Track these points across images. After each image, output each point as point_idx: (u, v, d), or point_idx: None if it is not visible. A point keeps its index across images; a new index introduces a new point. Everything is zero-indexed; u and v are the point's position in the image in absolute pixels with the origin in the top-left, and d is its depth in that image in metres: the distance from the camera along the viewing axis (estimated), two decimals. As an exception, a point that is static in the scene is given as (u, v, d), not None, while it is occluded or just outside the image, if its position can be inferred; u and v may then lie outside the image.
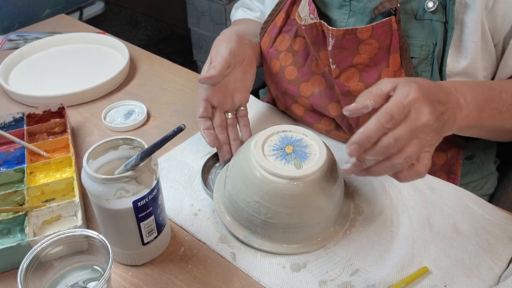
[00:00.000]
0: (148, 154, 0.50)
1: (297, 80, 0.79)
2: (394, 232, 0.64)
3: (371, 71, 0.70)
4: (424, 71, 0.68)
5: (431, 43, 0.67)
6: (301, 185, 0.57)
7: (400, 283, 0.56)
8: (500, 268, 0.59)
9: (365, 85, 0.71)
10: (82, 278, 0.53)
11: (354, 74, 0.71)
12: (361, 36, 0.67)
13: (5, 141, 0.75)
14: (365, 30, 0.66)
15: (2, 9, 1.18)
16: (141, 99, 0.89)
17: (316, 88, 0.77)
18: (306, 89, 0.78)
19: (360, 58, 0.69)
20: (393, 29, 0.66)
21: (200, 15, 2.03)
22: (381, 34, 0.67)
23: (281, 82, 0.81)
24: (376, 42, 0.67)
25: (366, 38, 0.67)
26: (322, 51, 0.72)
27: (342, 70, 0.71)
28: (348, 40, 0.68)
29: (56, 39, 1.08)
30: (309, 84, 0.78)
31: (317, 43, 0.72)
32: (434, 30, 0.67)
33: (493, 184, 0.86)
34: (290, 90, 0.80)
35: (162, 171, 0.73)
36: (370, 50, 0.68)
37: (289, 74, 0.79)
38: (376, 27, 0.66)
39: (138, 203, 0.53)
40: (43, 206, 0.63)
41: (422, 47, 0.68)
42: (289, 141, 0.63)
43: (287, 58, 0.79)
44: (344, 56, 0.70)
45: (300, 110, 0.81)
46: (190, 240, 0.63)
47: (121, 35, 1.17)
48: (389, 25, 0.66)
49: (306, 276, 0.58)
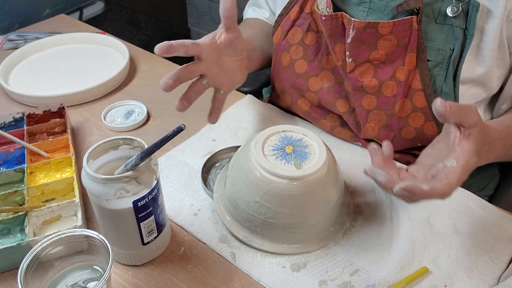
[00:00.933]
0: (148, 154, 0.50)
1: (307, 74, 0.79)
2: (394, 232, 0.64)
3: (386, 68, 0.70)
4: (438, 74, 0.69)
5: (448, 48, 0.67)
6: (301, 185, 0.57)
7: (400, 283, 0.56)
8: (500, 268, 0.59)
9: (379, 81, 0.71)
10: (82, 278, 0.53)
11: (369, 70, 0.71)
12: (382, 30, 0.67)
13: (5, 141, 0.75)
14: (386, 25, 0.67)
15: (2, 9, 1.17)
16: (141, 99, 0.89)
17: (325, 83, 0.77)
18: (315, 83, 0.78)
19: (377, 53, 0.69)
20: (413, 28, 0.66)
21: (200, 15, 2.03)
22: (401, 31, 0.67)
23: (290, 76, 0.81)
24: (395, 38, 0.68)
25: (386, 33, 0.67)
26: (338, 44, 0.72)
27: (357, 64, 0.71)
28: (368, 33, 0.68)
29: (56, 39, 1.08)
30: (318, 79, 0.78)
31: (334, 35, 0.72)
32: (454, 36, 0.67)
33: (494, 185, 0.86)
34: (298, 84, 0.80)
35: (162, 171, 0.73)
36: (388, 46, 0.68)
37: (299, 67, 0.79)
38: (398, 24, 0.66)
39: (138, 203, 0.53)
40: (43, 206, 0.63)
41: (439, 51, 0.68)
42: (289, 141, 0.63)
43: (298, 51, 0.79)
44: (361, 50, 0.70)
45: (306, 105, 0.81)
46: (190, 240, 0.63)
47: (121, 35, 1.17)
48: (410, 23, 0.66)
49: (306, 276, 0.58)
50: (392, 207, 0.67)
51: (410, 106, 0.71)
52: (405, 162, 0.75)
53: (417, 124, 0.72)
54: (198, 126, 0.83)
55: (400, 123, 0.72)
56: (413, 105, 0.70)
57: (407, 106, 0.71)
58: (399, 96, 0.70)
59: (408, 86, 0.70)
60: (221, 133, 0.81)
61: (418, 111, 0.71)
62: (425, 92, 0.69)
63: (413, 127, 0.72)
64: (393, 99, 0.71)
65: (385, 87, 0.71)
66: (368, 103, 0.73)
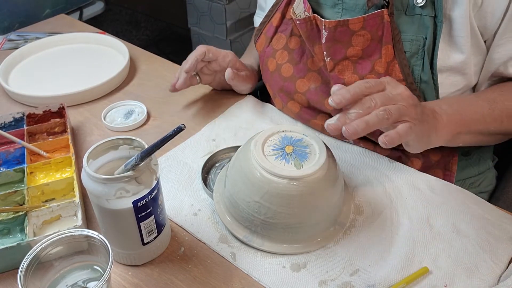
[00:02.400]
0: (148, 154, 0.50)
1: (293, 77, 0.80)
2: (394, 232, 0.64)
3: (364, 63, 0.72)
4: (415, 64, 0.70)
5: (421, 37, 0.69)
6: (301, 185, 0.57)
7: (400, 283, 0.56)
8: (500, 268, 0.59)
9: (359, 77, 0.72)
10: (82, 278, 0.53)
11: (348, 67, 0.73)
12: (353, 27, 0.69)
13: (5, 141, 0.75)
14: (356, 21, 0.69)
15: (2, 9, 1.17)
16: (141, 99, 0.89)
17: (312, 84, 0.79)
18: (302, 85, 0.79)
19: (353, 50, 0.71)
20: (385, 21, 0.68)
21: (200, 15, 2.03)
22: (373, 26, 0.69)
23: (278, 80, 0.82)
24: (368, 33, 0.69)
25: (358, 29, 0.69)
26: (317, 46, 0.74)
27: (336, 62, 0.73)
28: (341, 31, 0.70)
29: (56, 39, 1.08)
30: (305, 80, 0.79)
31: (311, 37, 0.74)
32: (424, 25, 0.68)
33: (490, 182, 0.86)
34: (286, 87, 0.81)
35: (162, 171, 0.74)
36: (362, 41, 0.70)
37: (285, 71, 0.81)
38: (368, 18, 0.68)
39: (138, 203, 0.53)
40: (43, 206, 0.63)
41: (413, 42, 0.69)
42: (289, 141, 0.63)
43: (283, 56, 0.81)
44: (337, 49, 0.71)
45: (296, 106, 0.82)
46: (190, 240, 0.63)
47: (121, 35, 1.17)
48: (381, 17, 0.68)
49: (306, 276, 0.58)
50: (392, 207, 0.67)
51: None
52: (396, 158, 0.76)
53: None
54: (198, 126, 0.83)
55: None
56: None
57: None
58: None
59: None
60: (221, 133, 0.81)
61: None
62: (406, 81, 0.70)
63: None
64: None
65: None
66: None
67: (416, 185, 0.70)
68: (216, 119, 0.85)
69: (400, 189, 0.70)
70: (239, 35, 2.03)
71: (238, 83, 0.85)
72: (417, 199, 0.68)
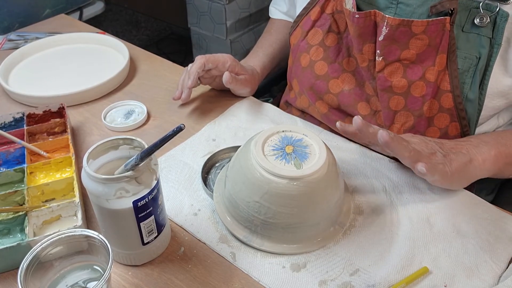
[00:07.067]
0: (148, 154, 0.50)
1: (327, 76, 0.78)
2: (394, 232, 0.64)
3: (415, 68, 0.70)
4: (464, 82, 0.69)
5: (474, 56, 0.67)
6: (301, 185, 0.57)
7: (400, 283, 0.56)
8: (500, 268, 0.59)
9: (408, 81, 0.71)
10: (82, 278, 0.53)
11: (399, 69, 0.71)
12: (415, 29, 0.67)
13: (5, 141, 0.75)
14: (420, 24, 0.67)
15: (2, 9, 1.17)
16: (141, 99, 0.89)
17: (345, 85, 0.77)
18: (335, 85, 0.78)
19: (408, 53, 0.69)
20: (446, 29, 0.66)
21: (200, 15, 2.03)
22: (433, 32, 0.67)
23: (309, 77, 0.80)
24: (427, 38, 0.68)
25: (419, 32, 0.67)
26: (368, 44, 0.72)
27: (388, 63, 0.71)
28: (401, 32, 0.68)
29: (56, 39, 1.08)
30: (339, 81, 0.77)
31: (364, 34, 0.72)
32: (480, 44, 0.67)
33: (492, 188, 0.86)
34: (318, 86, 0.80)
35: (162, 171, 0.73)
36: (419, 45, 0.68)
37: (319, 69, 0.79)
38: (431, 23, 0.66)
39: (138, 203, 0.53)
40: (43, 206, 0.63)
41: (465, 59, 0.68)
42: (289, 141, 0.63)
43: (318, 53, 0.79)
44: (393, 49, 0.70)
45: (325, 107, 0.81)
46: (190, 240, 0.63)
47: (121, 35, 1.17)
48: (443, 24, 0.66)
49: (306, 276, 0.58)
50: (392, 207, 0.67)
51: (437, 107, 0.71)
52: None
53: (443, 124, 0.72)
54: (198, 126, 0.83)
55: (426, 123, 0.72)
56: (440, 105, 0.70)
57: (434, 107, 0.71)
58: (427, 97, 0.70)
59: (437, 87, 0.70)
60: (221, 133, 0.81)
61: (444, 112, 0.71)
62: (453, 94, 0.69)
63: (437, 128, 0.72)
64: (422, 100, 0.71)
65: (414, 88, 0.71)
66: (395, 104, 0.73)
67: (416, 185, 0.70)
68: (216, 119, 0.85)
69: (400, 189, 0.70)
70: (239, 35, 2.03)
71: (236, 87, 0.85)
72: (417, 199, 0.68)
